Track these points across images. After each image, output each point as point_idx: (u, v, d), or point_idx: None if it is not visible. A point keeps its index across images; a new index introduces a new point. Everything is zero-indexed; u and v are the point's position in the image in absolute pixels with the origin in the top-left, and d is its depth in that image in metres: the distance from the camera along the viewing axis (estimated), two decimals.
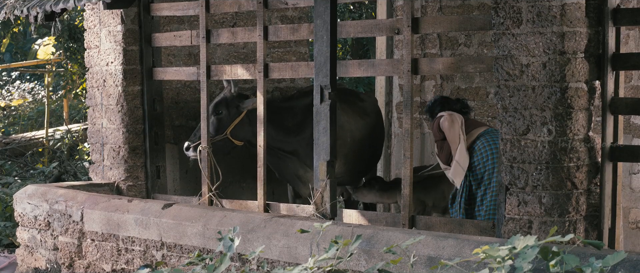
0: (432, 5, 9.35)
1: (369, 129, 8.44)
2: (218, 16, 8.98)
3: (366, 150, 8.42)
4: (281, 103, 8.26)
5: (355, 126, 8.24)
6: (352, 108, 8.33)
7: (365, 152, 8.41)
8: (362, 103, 8.56)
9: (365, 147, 8.36)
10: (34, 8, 8.35)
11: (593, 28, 5.77)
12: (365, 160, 8.49)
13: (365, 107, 8.53)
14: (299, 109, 8.09)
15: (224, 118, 7.95)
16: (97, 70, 8.63)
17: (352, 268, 5.99)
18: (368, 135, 8.41)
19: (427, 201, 8.01)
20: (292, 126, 8.04)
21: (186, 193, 8.61)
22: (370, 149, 8.49)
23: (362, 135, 8.31)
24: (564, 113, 5.67)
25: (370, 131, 8.44)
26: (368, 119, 8.45)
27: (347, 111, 8.21)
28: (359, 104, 8.50)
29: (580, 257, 4.89)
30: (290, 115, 8.08)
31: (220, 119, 7.95)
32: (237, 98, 7.97)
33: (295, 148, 8.06)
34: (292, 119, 8.07)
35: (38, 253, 8.54)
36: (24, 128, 19.49)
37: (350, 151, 8.15)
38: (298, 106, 8.10)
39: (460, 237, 5.78)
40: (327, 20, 6.90)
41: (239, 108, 7.97)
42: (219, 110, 7.95)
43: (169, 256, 7.34)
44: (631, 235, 8.05)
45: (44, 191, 8.47)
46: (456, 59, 7.41)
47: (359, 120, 8.32)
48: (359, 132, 8.27)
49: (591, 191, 5.85)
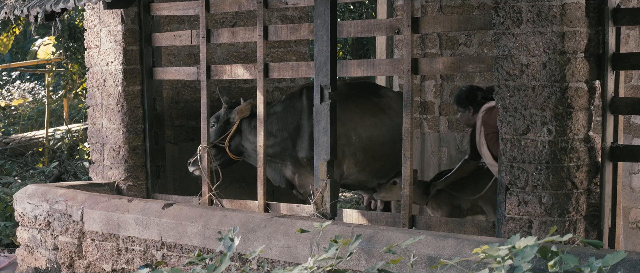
0: (432, 5, 9.34)
1: (386, 127, 7.96)
2: (218, 16, 8.99)
3: (383, 149, 7.93)
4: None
5: (362, 124, 7.85)
6: (363, 105, 7.95)
7: (382, 151, 7.93)
8: (379, 99, 8.10)
9: (379, 145, 7.92)
10: (34, 8, 8.35)
11: (593, 28, 5.77)
12: (383, 160, 7.96)
13: (382, 103, 8.07)
14: (279, 115, 7.97)
15: (218, 130, 7.97)
16: (97, 70, 8.63)
17: (352, 268, 5.99)
18: (385, 133, 7.94)
19: (462, 204, 7.62)
20: (276, 131, 7.93)
21: (186, 192, 8.60)
22: (389, 148, 7.91)
23: (373, 133, 7.88)
24: (564, 112, 5.67)
25: (388, 128, 7.95)
26: (383, 116, 7.98)
27: (353, 109, 7.84)
28: (375, 99, 8.07)
29: (580, 256, 4.89)
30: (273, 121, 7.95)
31: (215, 131, 7.97)
32: (228, 111, 7.98)
33: (278, 151, 7.98)
34: (276, 124, 7.95)
35: (38, 253, 8.54)
36: (24, 127, 19.50)
37: (360, 151, 7.80)
38: (278, 112, 7.98)
39: (460, 237, 5.78)
40: (327, 20, 6.90)
41: (229, 120, 7.97)
42: (212, 123, 7.98)
43: (169, 256, 7.34)
44: (631, 235, 8.04)
45: (44, 191, 8.47)
46: (456, 58, 7.41)
47: (370, 117, 7.90)
48: (368, 130, 7.86)
49: (591, 191, 5.85)
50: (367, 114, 7.92)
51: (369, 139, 7.86)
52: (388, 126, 7.95)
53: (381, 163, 7.97)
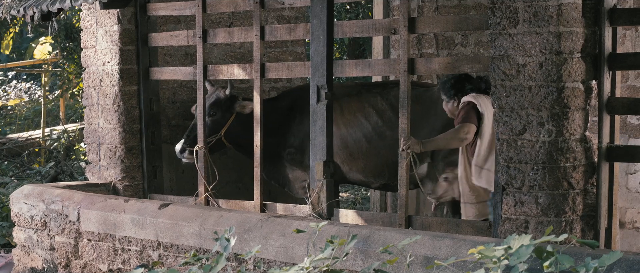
0: (428, 5, 9.34)
1: (360, 126, 7.84)
2: (214, 16, 8.98)
3: (356, 147, 7.79)
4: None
5: (344, 124, 7.79)
6: (347, 104, 7.86)
7: (357, 149, 7.80)
8: (362, 97, 7.94)
9: (352, 143, 7.77)
10: (31, 8, 8.35)
11: (590, 28, 5.77)
12: (363, 159, 7.83)
13: (365, 102, 7.92)
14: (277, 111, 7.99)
15: (218, 119, 7.96)
16: (93, 70, 8.62)
17: (349, 268, 5.99)
18: (358, 131, 7.82)
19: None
20: (273, 128, 7.95)
21: (183, 193, 8.60)
22: (364, 146, 7.79)
23: (344, 133, 7.76)
24: (560, 112, 5.67)
25: (361, 127, 7.83)
26: (359, 115, 7.84)
27: (336, 109, 7.63)
28: (357, 98, 7.94)
29: (577, 256, 4.89)
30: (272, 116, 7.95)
31: (214, 121, 7.95)
32: (229, 100, 7.97)
33: (276, 149, 8.01)
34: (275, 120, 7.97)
35: (34, 253, 8.53)
36: (21, 127, 19.48)
37: (342, 151, 7.74)
38: (278, 107, 8.02)
39: (457, 237, 5.78)
40: (323, 20, 6.90)
41: (231, 109, 7.98)
42: (212, 112, 7.94)
43: (165, 256, 7.34)
44: (628, 235, 8.05)
45: (40, 191, 8.46)
46: (453, 59, 7.41)
47: (347, 116, 7.81)
48: (341, 129, 7.75)
49: (588, 191, 5.85)
50: (345, 112, 7.85)
51: (340, 138, 7.74)
52: (362, 125, 7.84)
53: (363, 161, 7.83)
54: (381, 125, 7.77)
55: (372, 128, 7.78)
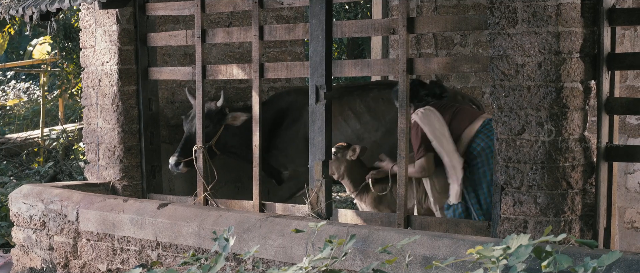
0: (427, 5, 9.35)
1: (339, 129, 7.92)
2: (213, 16, 8.98)
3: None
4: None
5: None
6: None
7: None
8: (347, 100, 8.05)
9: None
10: (30, 8, 8.34)
11: (588, 28, 5.77)
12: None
13: (348, 105, 8.05)
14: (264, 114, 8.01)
15: (209, 131, 7.99)
16: (92, 70, 8.62)
17: (347, 268, 5.99)
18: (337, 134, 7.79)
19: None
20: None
21: (181, 192, 8.60)
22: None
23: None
24: (559, 112, 5.68)
25: (341, 130, 7.93)
26: (338, 118, 7.95)
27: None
28: (343, 101, 8.02)
29: (576, 256, 4.89)
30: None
31: (205, 132, 7.97)
32: (220, 111, 8.02)
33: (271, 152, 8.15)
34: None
35: (33, 253, 8.52)
36: (20, 127, 19.48)
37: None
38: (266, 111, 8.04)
39: (456, 237, 5.78)
40: (322, 20, 6.89)
41: (221, 121, 8.03)
42: (205, 123, 7.95)
43: (164, 256, 7.34)
44: (626, 235, 8.06)
45: (39, 191, 8.46)
46: (452, 58, 7.41)
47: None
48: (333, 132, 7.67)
49: (586, 191, 5.85)
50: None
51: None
52: (343, 128, 7.93)
53: None
54: (359, 128, 7.88)
55: (351, 131, 7.89)
